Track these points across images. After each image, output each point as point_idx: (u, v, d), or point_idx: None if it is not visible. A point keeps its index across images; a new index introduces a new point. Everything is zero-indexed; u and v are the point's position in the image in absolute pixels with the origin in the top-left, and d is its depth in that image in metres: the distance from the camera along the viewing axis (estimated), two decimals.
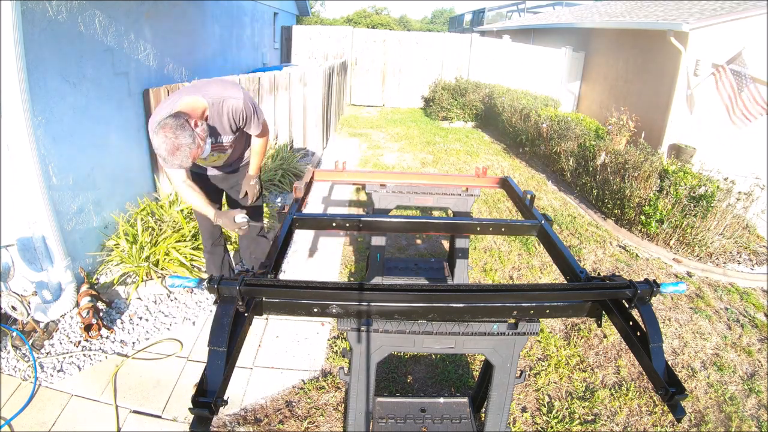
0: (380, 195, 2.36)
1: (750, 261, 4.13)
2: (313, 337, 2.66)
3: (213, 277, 1.11)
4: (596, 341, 2.82)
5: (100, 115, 2.96)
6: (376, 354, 1.38)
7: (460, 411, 1.82)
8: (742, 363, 2.79)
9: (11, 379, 2.22)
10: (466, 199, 2.39)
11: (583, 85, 10.18)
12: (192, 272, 2.96)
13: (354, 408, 1.48)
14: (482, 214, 4.69)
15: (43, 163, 2.43)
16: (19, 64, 2.17)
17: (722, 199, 3.97)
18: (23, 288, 2.52)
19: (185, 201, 2.28)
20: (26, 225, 2.45)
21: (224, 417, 2.11)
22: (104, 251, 3.00)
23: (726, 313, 3.29)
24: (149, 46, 3.53)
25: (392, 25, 35.30)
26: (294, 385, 2.32)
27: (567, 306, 1.29)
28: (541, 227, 1.79)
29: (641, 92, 7.87)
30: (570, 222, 4.60)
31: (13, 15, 2.11)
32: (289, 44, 10.99)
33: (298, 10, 14.20)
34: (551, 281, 3.50)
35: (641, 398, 2.41)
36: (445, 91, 9.70)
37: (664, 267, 3.89)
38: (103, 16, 2.89)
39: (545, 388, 2.43)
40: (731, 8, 6.72)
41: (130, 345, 2.50)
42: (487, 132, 8.82)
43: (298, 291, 1.16)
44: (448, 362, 2.52)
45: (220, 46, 6.00)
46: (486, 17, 21.59)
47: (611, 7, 11.09)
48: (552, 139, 6.15)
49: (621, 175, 4.55)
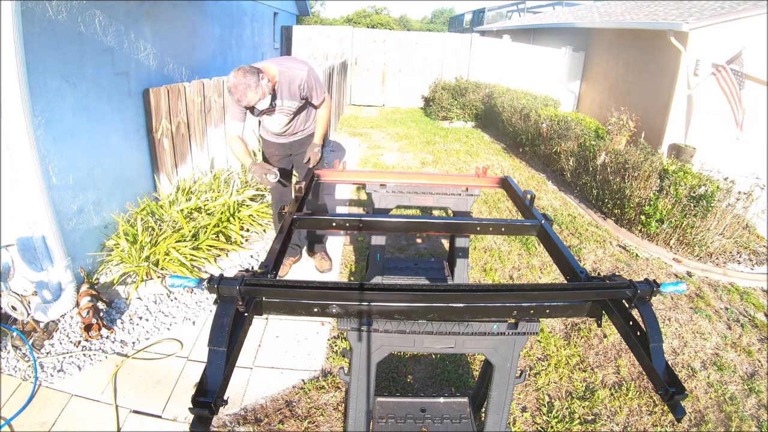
0: (380, 195, 2.35)
1: (750, 261, 4.13)
2: (313, 337, 2.66)
3: (213, 277, 1.11)
4: (596, 341, 2.82)
5: (100, 114, 2.96)
6: (376, 354, 1.38)
7: (460, 411, 1.82)
8: (742, 363, 2.79)
9: (11, 379, 2.22)
10: (466, 199, 2.39)
11: (583, 84, 10.17)
12: (192, 272, 2.96)
13: (354, 408, 1.48)
14: (482, 214, 4.69)
15: (43, 163, 2.43)
16: (19, 64, 2.17)
17: (722, 199, 3.97)
18: (23, 288, 2.52)
19: (233, 151, 2.74)
20: (26, 225, 2.45)
21: (224, 417, 2.11)
22: (104, 251, 3.00)
23: (726, 313, 3.29)
24: (149, 46, 3.53)
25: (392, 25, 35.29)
26: (294, 385, 2.32)
27: (567, 306, 1.28)
28: (541, 227, 1.79)
29: (641, 92, 7.87)
30: (570, 222, 4.60)
31: (13, 15, 2.11)
32: (289, 44, 10.99)
33: (298, 10, 14.20)
34: (551, 281, 3.50)
35: (641, 398, 2.41)
36: (445, 91, 9.69)
37: (664, 267, 3.89)
38: (103, 16, 2.89)
39: (545, 388, 2.43)
40: (731, 8, 6.71)
41: (130, 345, 2.50)
42: (487, 132, 8.82)
43: (298, 291, 1.16)
44: (448, 362, 2.52)
45: (220, 46, 6.00)
46: (486, 17, 21.59)
47: (611, 7, 11.08)
48: (552, 138, 6.15)
49: (621, 175, 4.55)
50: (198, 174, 4.01)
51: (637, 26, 7.80)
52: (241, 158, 2.68)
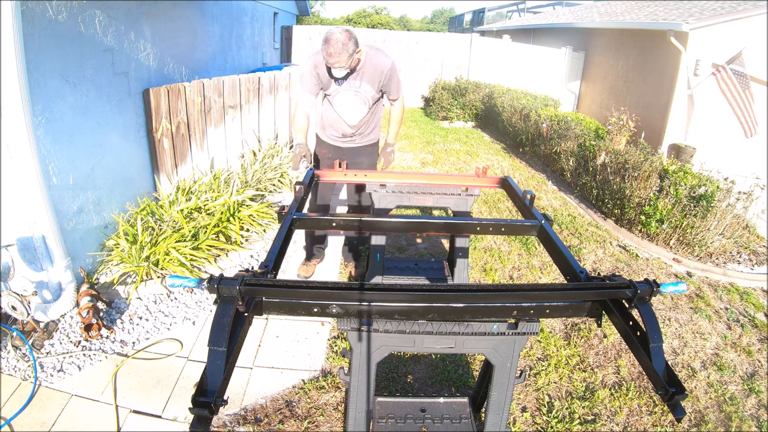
0: (380, 195, 2.35)
1: (750, 261, 4.13)
2: (313, 337, 2.66)
3: (213, 277, 1.11)
4: (596, 341, 2.82)
5: (100, 115, 2.96)
6: (376, 354, 1.38)
7: (460, 411, 1.82)
8: (742, 363, 2.79)
9: (11, 379, 2.22)
10: (466, 199, 2.39)
11: (583, 84, 10.17)
12: (192, 272, 2.96)
13: (354, 408, 1.48)
14: (482, 214, 4.69)
15: (43, 163, 2.43)
16: (19, 64, 2.17)
17: (722, 199, 3.97)
18: (23, 288, 2.52)
19: (294, 123, 2.75)
20: (26, 225, 2.45)
21: (224, 417, 2.11)
22: (104, 251, 3.00)
23: (726, 313, 3.29)
24: (149, 46, 3.53)
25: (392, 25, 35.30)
26: (294, 385, 2.32)
27: (567, 306, 1.28)
28: (541, 227, 1.79)
29: (641, 92, 7.87)
30: (570, 222, 4.60)
31: (13, 15, 2.11)
32: (289, 44, 10.99)
33: (298, 10, 14.19)
34: (551, 281, 3.50)
35: (641, 398, 2.41)
36: (445, 91, 9.69)
37: (664, 267, 3.89)
38: (103, 16, 2.89)
39: (545, 388, 2.43)
40: (731, 8, 6.72)
41: (130, 345, 2.50)
42: (487, 132, 8.82)
43: (298, 291, 1.16)
44: (448, 362, 2.52)
45: (220, 46, 6.00)
46: (486, 17, 21.59)
47: (611, 7, 11.08)
48: (552, 138, 6.15)
49: (621, 175, 4.55)
50: (198, 174, 4.01)
51: (637, 26, 7.80)
52: (297, 133, 2.69)
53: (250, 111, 4.79)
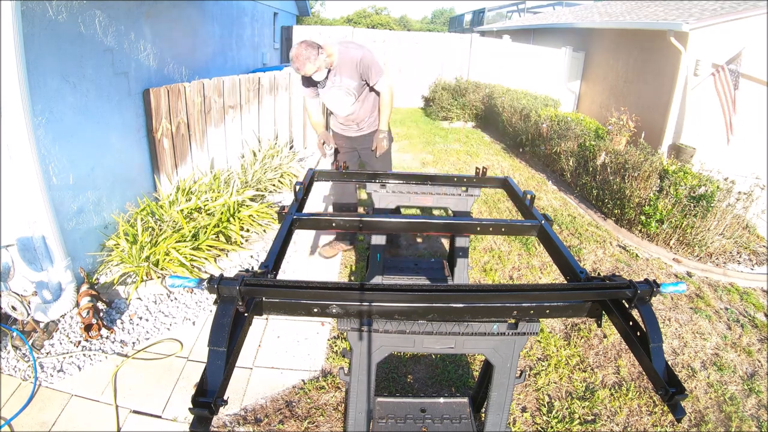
0: (380, 195, 2.35)
1: (750, 261, 4.12)
2: (313, 337, 2.66)
3: (213, 277, 1.11)
4: (596, 341, 2.82)
5: (100, 115, 2.96)
6: (376, 354, 1.38)
7: (460, 411, 1.82)
8: (742, 363, 2.79)
9: (11, 379, 2.22)
10: (466, 199, 2.38)
11: (583, 85, 10.18)
12: (192, 272, 2.96)
13: (354, 408, 1.48)
14: (482, 214, 4.69)
15: (43, 163, 2.43)
16: (19, 64, 2.17)
17: (722, 199, 3.96)
18: (23, 288, 2.52)
19: (310, 117, 3.17)
20: (26, 225, 2.45)
21: (224, 417, 2.11)
22: (104, 251, 3.00)
23: (726, 313, 3.29)
24: (149, 46, 3.53)
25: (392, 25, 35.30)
26: (294, 385, 2.32)
27: (567, 306, 1.28)
28: (541, 227, 1.79)
29: (641, 92, 7.87)
30: (570, 222, 4.60)
31: (13, 15, 2.11)
32: (289, 44, 10.98)
33: (298, 10, 14.19)
34: (551, 281, 3.50)
35: (641, 398, 2.41)
36: (445, 91, 9.69)
37: (664, 267, 3.89)
38: (103, 16, 2.89)
39: (545, 388, 2.43)
40: (731, 8, 6.72)
41: (130, 345, 2.50)
42: (487, 132, 8.82)
43: (298, 291, 1.16)
44: (448, 362, 2.52)
45: (220, 46, 6.00)
46: (486, 17, 21.59)
47: (611, 7, 11.09)
48: (552, 139, 6.15)
49: (621, 175, 4.55)
50: (198, 174, 4.01)
51: (637, 26, 7.80)
52: (315, 129, 3.14)
53: (250, 111, 4.79)
